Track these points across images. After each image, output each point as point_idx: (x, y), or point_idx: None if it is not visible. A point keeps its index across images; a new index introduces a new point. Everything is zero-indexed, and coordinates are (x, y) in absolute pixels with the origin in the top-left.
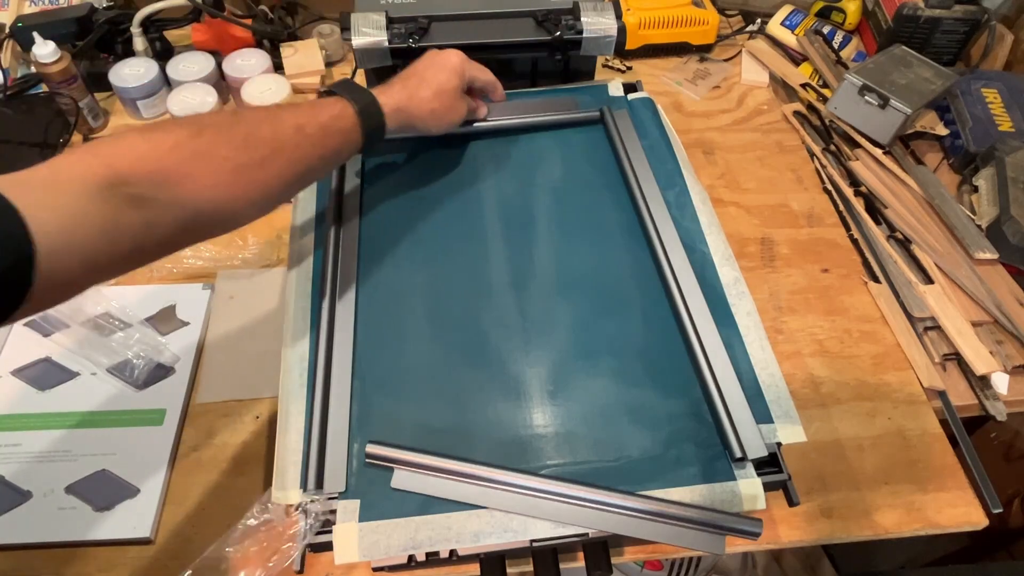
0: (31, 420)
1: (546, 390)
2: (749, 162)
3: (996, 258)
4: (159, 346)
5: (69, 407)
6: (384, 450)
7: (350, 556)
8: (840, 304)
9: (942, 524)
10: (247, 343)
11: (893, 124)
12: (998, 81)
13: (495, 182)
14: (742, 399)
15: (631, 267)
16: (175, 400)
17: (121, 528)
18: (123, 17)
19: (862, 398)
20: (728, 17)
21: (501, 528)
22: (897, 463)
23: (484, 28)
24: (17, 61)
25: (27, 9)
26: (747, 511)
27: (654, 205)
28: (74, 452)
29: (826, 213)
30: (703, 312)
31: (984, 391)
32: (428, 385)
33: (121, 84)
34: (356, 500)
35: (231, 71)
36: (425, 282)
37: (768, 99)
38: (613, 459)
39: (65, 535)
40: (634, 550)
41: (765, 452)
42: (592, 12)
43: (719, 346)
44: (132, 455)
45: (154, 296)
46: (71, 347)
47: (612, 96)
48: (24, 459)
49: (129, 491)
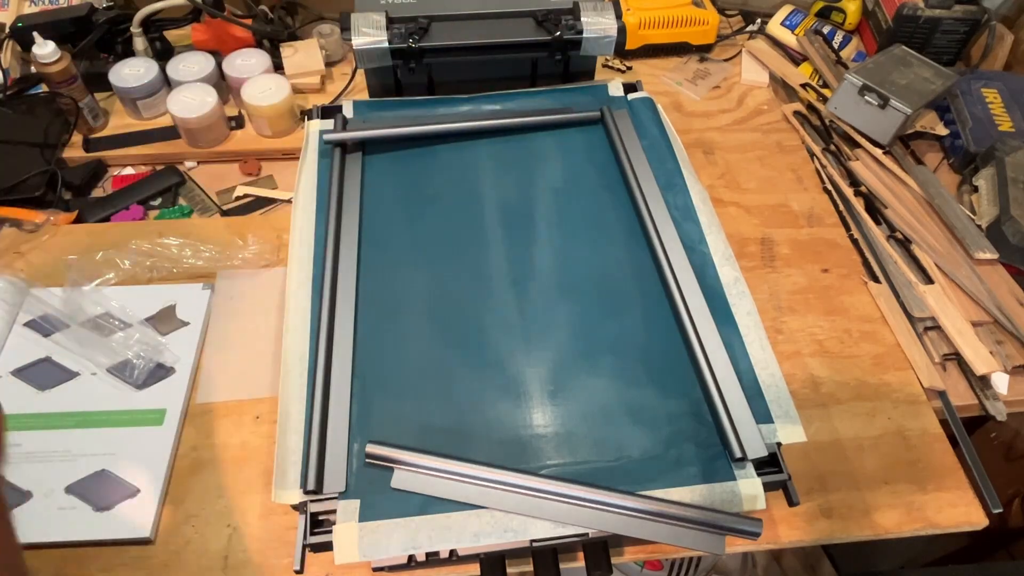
0: (31, 420)
1: (546, 390)
2: (749, 162)
3: (996, 258)
4: (159, 346)
5: (69, 407)
6: (384, 450)
7: (350, 556)
8: (840, 304)
9: (942, 524)
10: (247, 343)
11: (893, 124)
12: (998, 81)
13: (495, 182)
14: (742, 399)
15: (631, 267)
16: (175, 400)
17: (121, 528)
18: (123, 17)
19: (862, 398)
20: (728, 17)
21: (501, 528)
22: (897, 463)
23: (484, 28)
24: (17, 61)
25: (27, 9)
26: (747, 511)
27: (654, 205)
28: (74, 452)
29: (826, 213)
30: (703, 312)
31: (984, 391)
32: (428, 385)
33: (121, 84)
34: (356, 500)
35: (231, 71)
36: (425, 281)
37: (768, 99)
38: (613, 459)
39: (65, 535)
40: (634, 550)
41: (765, 452)
42: (592, 12)
43: (719, 346)
44: (132, 455)
45: (154, 296)
46: (71, 347)
47: (612, 96)
48: (24, 459)
49: (129, 491)
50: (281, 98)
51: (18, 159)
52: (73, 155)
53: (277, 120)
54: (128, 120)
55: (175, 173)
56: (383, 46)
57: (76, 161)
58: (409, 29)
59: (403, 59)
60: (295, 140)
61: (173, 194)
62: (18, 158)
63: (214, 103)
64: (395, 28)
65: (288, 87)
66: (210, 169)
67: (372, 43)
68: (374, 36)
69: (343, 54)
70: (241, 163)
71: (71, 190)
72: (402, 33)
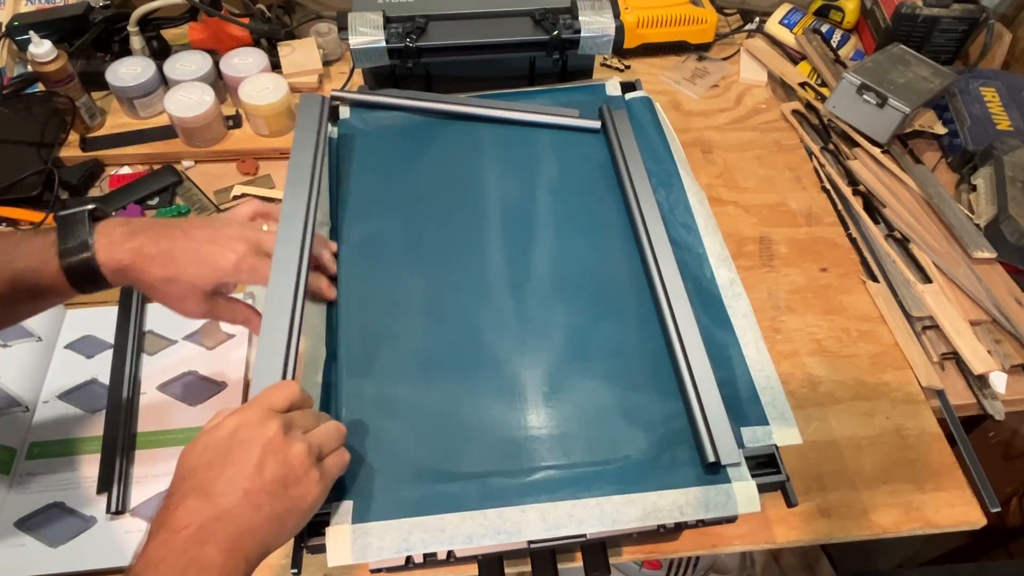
0: (85, 444)
1: (541, 391)
2: (747, 161)
3: (994, 257)
4: (207, 361)
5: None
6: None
7: (343, 558)
8: (838, 303)
9: (940, 523)
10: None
11: (891, 123)
12: (996, 80)
13: (491, 182)
14: (720, 404)
15: (627, 269)
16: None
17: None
18: (120, 16)
19: (860, 398)
20: (726, 16)
21: (494, 530)
22: (895, 462)
23: (482, 27)
24: (14, 60)
25: (23, 8)
26: (743, 513)
27: (648, 206)
28: (135, 474)
29: (824, 212)
30: (687, 314)
31: (982, 390)
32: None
33: (118, 83)
34: (349, 502)
35: (228, 70)
36: (420, 282)
37: (766, 98)
38: (608, 461)
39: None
40: (633, 550)
41: (739, 459)
42: (590, 11)
43: (700, 349)
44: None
45: None
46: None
47: (610, 95)
48: (83, 484)
49: None
50: (279, 97)
51: (14, 158)
52: (70, 154)
53: (275, 119)
54: (125, 119)
55: (172, 172)
56: (380, 45)
57: (73, 160)
58: (407, 28)
59: (400, 58)
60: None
61: (170, 194)
62: (14, 157)
63: (211, 102)
64: (392, 27)
65: (286, 86)
66: (207, 168)
67: (369, 42)
68: (371, 35)
69: (340, 53)
70: (239, 162)
71: (68, 189)
72: (399, 32)
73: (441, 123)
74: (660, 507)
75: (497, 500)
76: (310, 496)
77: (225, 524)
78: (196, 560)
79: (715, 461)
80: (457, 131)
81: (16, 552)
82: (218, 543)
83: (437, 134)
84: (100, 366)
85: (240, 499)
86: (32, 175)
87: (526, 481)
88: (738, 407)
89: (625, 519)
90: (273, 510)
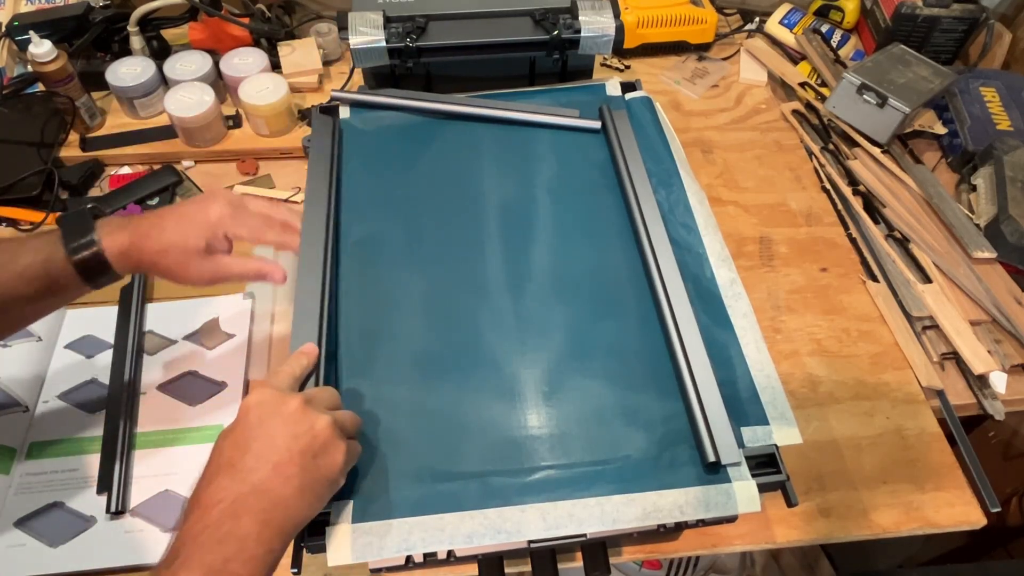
0: (86, 444)
1: (541, 391)
2: (747, 161)
3: (994, 257)
4: (207, 361)
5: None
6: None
7: (343, 558)
8: (838, 303)
9: (940, 523)
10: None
11: (891, 123)
12: (996, 80)
13: (491, 182)
14: (720, 404)
15: (627, 269)
16: (231, 415)
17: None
18: (120, 16)
19: (860, 397)
20: (726, 16)
21: (494, 530)
22: (895, 462)
23: (482, 27)
24: (13, 60)
25: (23, 8)
26: (743, 513)
27: (648, 206)
28: (135, 474)
29: (824, 212)
30: (687, 315)
31: (982, 390)
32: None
33: (118, 83)
34: (349, 501)
35: (228, 70)
36: (420, 282)
37: (766, 98)
38: (608, 460)
39: (134, 559)
40: (633, 550)
41: (738, 459)
42: (590, 11)
43: (701, 349)
44: (194, 474)
45: (194, 311)
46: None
47: (610, 95)
48: (83, 484)
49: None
50: (279, 97)
51: (14, 158)
52: (70, 154)
53: (275, 119)
54: (125, 119)
55: (172, 172)
56: (380, 45)
57: (73, 160)
58: (407, 28)
59: (400, 58)
60: (293, 139)
61: (170, 193)
62: (14, 157)
63: (211, 102)
64: (393, 27)
65: (286, 86)
66: (207, 168)
67: (369, 42)
68: (372, 35)
69: (341, 53)
70: (239, 162)
71: (68, 189)
72: (400, 32)
73: (441, 123)
74: (660, 507)
75: (497, 500)
76: (336, 465)
77: (258, 497)
78: (232, 532)
79: (715, 461)
80: (457, 131)
81: (16, 552)
82: (252, 515)
83: (437, 134)
84: (100, 366)
85: (270, 472)
86: (32, 175)
87: (526, 481)
88: (738, 407)
89: (625, 519)
90: (303, 481)
